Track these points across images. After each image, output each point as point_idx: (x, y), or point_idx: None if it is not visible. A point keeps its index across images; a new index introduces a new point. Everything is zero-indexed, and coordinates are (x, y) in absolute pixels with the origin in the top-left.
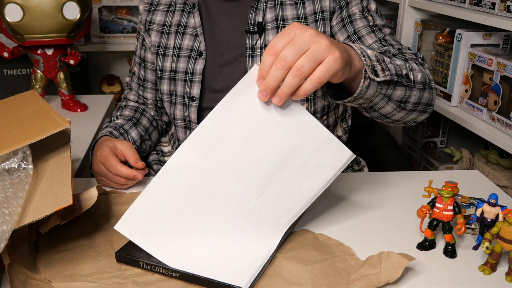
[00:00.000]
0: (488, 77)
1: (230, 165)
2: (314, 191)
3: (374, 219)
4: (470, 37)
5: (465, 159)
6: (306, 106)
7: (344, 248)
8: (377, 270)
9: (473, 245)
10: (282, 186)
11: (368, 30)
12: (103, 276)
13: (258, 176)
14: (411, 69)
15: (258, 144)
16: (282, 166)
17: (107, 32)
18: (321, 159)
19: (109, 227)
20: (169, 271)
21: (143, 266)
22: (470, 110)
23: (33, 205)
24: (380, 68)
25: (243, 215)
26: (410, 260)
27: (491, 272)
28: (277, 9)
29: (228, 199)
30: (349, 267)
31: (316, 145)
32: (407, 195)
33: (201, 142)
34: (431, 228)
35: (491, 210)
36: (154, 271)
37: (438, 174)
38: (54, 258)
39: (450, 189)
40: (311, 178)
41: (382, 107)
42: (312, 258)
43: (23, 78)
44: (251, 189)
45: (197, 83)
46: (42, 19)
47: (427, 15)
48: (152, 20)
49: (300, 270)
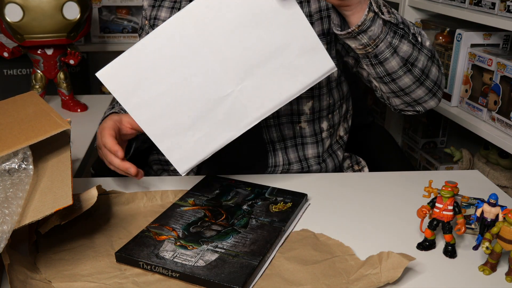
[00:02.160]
0: (488, 77)
1: (217, 46)
2: (290, 93)
3: (374, 219)
4: (470, 37)
5: (465, 159)
6: (311, 103)
7: (344, 248)
8: (377, 270)
9: (473, 245)
10: (261, 80)
11: None
12: (103, 276)
13: (241, 65)
14: (419, 33)
15: (248, 34)
16: (266, 61)
17: (107, 32)
18: (304, 63)
19: (109, 227)
20: (169, 271)
21: (143, 266)
22: (470, 110)
23: (33, 205)
24: (386, 11)
25: (217, 99)
26: (410, 260)
27: (491, 272)
28: None
29: (207, 79)
30: (349, 267)
31: (303, 49)
32: (407, 195)
33: (196, 15)
34: (431, 228)
35: (491, 210)
36: (154, 271)
37: (438, 174)
38: (54, 258)
39: (450, 189)
40: (291, 80)
41: (388, 59)
42: (312, 258)
43: (23, 78)
44: (232, 75)
45: None
46: (42, 19)
47: (427, 15)
48: (157, 16)
49: (300, 270)
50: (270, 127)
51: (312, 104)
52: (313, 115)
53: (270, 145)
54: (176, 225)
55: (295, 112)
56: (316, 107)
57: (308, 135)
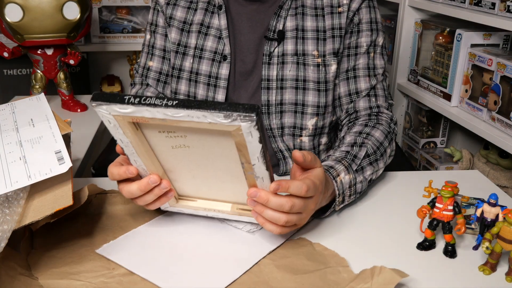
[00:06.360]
0: (488, 77)
1: None
2: None
3: (373, 219)
4: (470, 37)
5: (465, 159)
6: (315, 119)
7: (338, 259)
8: (368, 285)
9: (473, 245)
10: None
11: (365, 72)
12: (90, 275)
13: None
14: (381, 155)
15: None
16: None
17: (107, 32)
18: None
19: (106, 226)
20: (164, 99)
21: (129, 101)
22: (470, 110)
23: (34, 205)
24: (348, 195)
25: None
26: (403, 277)
27: (491, 272)
28: (298, 18)
29: None
30: (340, 279)
31: None
32: (407, 195)
33: None
34: (431, 228)
35: (491, 210)
36: (143, 104)
37: (438, 174)
38: (46, 255)
39: (450, 189)
40: None
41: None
42: (303, 267)
43: (23, 78)
44: None
45: (222, 89)
46: (42, 19)
47: (427, 15)
48: (172, 15)
49: (288, 280)
50: (276, 137)
51: (316, 121)
52: (315, 131)
53: (280, 154)
54: None
55: (298, 126)
56: (319, 125)
57: (307, 148)
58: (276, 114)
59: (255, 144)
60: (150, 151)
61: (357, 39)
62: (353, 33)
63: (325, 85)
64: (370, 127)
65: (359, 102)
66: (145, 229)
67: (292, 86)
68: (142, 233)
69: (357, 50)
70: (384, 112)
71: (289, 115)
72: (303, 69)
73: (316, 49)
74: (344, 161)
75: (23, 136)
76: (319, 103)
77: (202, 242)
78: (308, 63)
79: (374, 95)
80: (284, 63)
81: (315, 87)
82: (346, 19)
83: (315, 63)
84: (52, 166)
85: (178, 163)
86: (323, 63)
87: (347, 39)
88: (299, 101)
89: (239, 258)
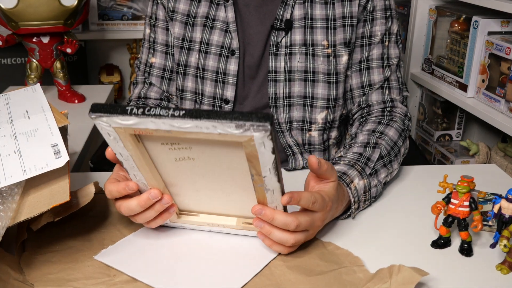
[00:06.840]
0: (506, 67)
1: None
2: None
3: (385, 216)
4: (487, 24)
5: (482, 153)
6: (325, 113)
7: (352, 259)
8: (387, 285)
9: (490, 243)
10: None
11: (379, 63)
12: (90, 282)
13: None
14: (395, 156)
15: None
16: None
17: (105, 19)
18: None
19: (103, 229)
20: (170, 110)
21: (132, 112)
22: (487, 101)
23: (29, 201)
24: (363, 200)
25: None
26: (423, 276)
27: (509, 271)
28: (307, 6)
29: None
30: (356, 280)
31: None
32: (421, 190)
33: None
34: (446, 225)
35: (509, 206)
36: (148, 114)
37: (453, 168)
38: (40, 260)
39: (466, 184)
40: None
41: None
42: (316, 268)
43: (18, 67)
44: None
45: (231, 85)
46: (37, 5)
47: (442, 2)
48: (175, 8)
49: (302, 282)
50: (284, 132)
51: (326, 114)
52: (324, 125)
53: (289, 149)
54: None
55: (307, 120)
56: (329, 118)
57: (316, 143)
58: (284, 108)
59: (267, 155)
60: (152, 165)
61: (371, 28)
62: (367, 22)
63: (335, 77)
64: (384, 125)
65: (372, 95)
66: (146, 232)
67: (301, 78)
68: (143, 236)
69: (371, 40)
70: (399, 106)
71: (297, 108)
72: (312, 60)
73: (325, 39)
74: (357, 165)
75: (17, 128)
76: (329, 95)
77: (207, 243)
78: (318, 54)
79: (388, 87)
80: (292, 54)
81: (324, 79)
82: (358, 6)
83: (324, 53)
84: (49, 160)
85: (181, 176)
86: (333, 53)
87: (360, 28)
88: (308, 93)
89: (248, 260)
